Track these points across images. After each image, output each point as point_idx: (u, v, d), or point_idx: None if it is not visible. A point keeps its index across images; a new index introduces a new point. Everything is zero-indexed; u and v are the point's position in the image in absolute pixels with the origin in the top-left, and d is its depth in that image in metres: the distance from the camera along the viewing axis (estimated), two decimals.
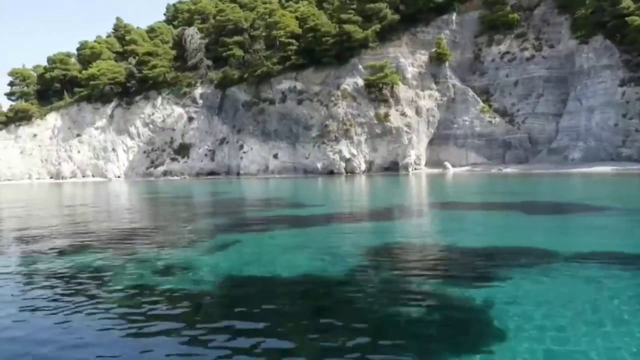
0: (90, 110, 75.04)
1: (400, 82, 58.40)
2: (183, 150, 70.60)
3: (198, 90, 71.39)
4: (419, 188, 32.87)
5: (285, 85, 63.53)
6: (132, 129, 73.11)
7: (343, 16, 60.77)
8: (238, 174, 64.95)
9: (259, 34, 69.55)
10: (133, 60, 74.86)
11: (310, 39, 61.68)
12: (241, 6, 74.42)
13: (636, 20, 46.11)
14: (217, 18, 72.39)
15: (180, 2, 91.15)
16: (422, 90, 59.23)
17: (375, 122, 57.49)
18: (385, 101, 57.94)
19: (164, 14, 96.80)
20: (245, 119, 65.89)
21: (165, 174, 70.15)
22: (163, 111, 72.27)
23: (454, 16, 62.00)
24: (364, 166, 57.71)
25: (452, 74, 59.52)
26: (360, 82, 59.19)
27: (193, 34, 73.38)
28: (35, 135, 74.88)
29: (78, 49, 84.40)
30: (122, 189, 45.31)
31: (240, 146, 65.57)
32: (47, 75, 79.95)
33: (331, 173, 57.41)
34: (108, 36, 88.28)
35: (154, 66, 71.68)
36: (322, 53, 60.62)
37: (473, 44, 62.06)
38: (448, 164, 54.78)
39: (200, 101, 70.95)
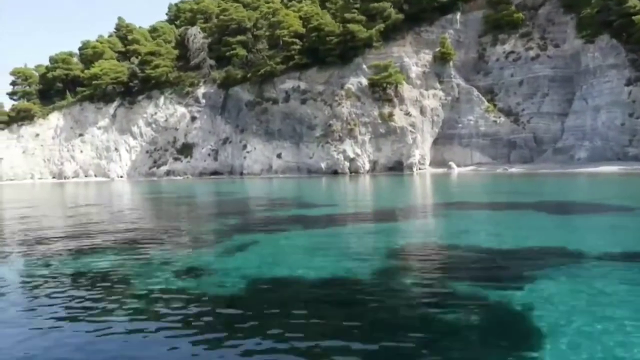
0: (92, 110, 74.84)
1: (404, 82, 58.15)
2: (186, 150, 70.39)
3: (201, 90, 71.17)
4: (426, 188, 32.67)
5: (289, 84, 63.33)
6: (135, 129, 72.90)
7: (347, 15, 60.54)
8: (241, 173, 64.76)
9: (262, 34, 69.35)
10: (135, 60, 74.68)
11: (314, 39, 61.44)
12: (244, 6, 74.20)
13: None
14: (221, 17, 72.19)
15: (183, 2, 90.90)
16: (427, 90, 58.99)
17: (379, 122, 57.26)
18: (389, 101, 57.71)
19: (166, 14, 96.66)
20: (249, 119, 65.68)
21: (168, 173, 69.95)
22: (166, 111, 72.06)
23: (458, 16, 61.75)
24: (368, 166, 57.49)
25: (457, 74, 59.27)
26: (364, 82, 58.95)
27: (196, 34, 73.18)
28: (37, 135, 74.68)
29: (80, 49, 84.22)
30: (127, 189, 45.13)
31: (244, 146, 65.37)
32: (50, 75, 79.74)
33: (335, 173, 57.18)
34: (110, 36, 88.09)
35: (156, 66, 71.45)
36: (326, 52, 60.39)
37: (477, 44, 61.83)
38: (453, 164, 54.55)
39: (203, 101, 70.74)
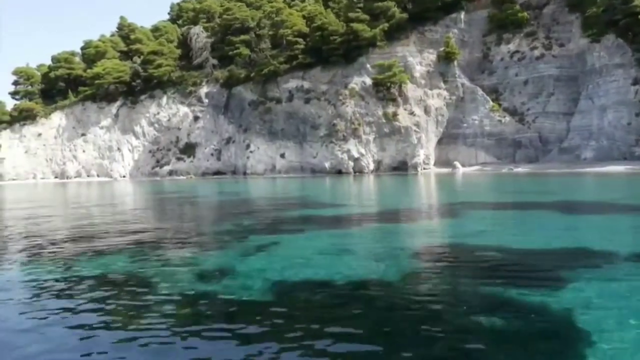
0: (95, 110, 74.61)
1: (408, 81, 57.97)
2: (189, 149, 70.17)
3: (204, 90, 70.97)
4: (434, 188, 32.41)
5: (292, 84, 63.11)
6: (137, 129, 72.68)
7: (351, 15, 60.36)
8: (244, 173, 64.54)
9: (265, 33, 69.13)
10: (138, 59, 74.47)
11: (318, 38, 61.24)
12: (247, 5, 74.00)
13: None
14: (224, 17, 71.98)
15: (185, 1, 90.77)
16: (431, 90, 58.78)
17: (383, 122, 57.03)
18: (394, 100, 57.49)
19: (168, 13, 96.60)
20: (252, 118, 65.45)
21: (170, 173, 69.74)
22: (168, 110, 71.85)
23: (462, 15, 61.62)
24: (372, 166, 57.26)
25: (461, 73, 59.07)
26: (368, 81, 58.73)
27: (199, 33, 72.98)
28: (39, 134, 74.42)
29: (82, 48, 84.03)
30: (131, 189, 44.87)
31: (247, 145, 65.13)
32: (52, 74, 79.52)
33: (339, 173, 56.96)
34: (112, 35, 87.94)
35: (159, 65, 71.26)
36: (330, 52, 60.20)
37: (481, 43, 61.65)
38: (458, 164, 54.30)
39: (205, 100, 70.53)
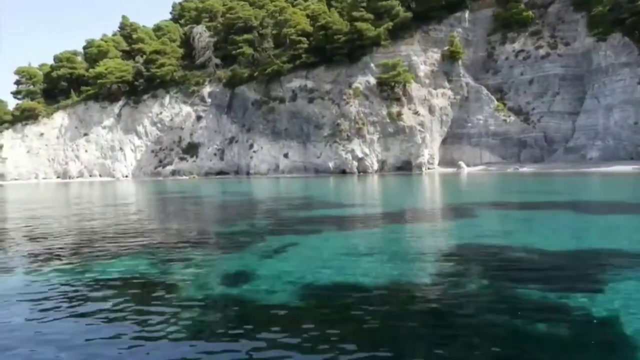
0: (97, 109, 74.38)
1: (412, 81, 57.69)
2: (192, 149, 69.92)
3: (206, 89, 70.72)
4: (443, 188, 32.14)
5: (296, 83, 62.85)
6: (140, 128, 72.44)
7: (355, 14, 60.09)
8: (248, 173, 64.29)
9: (268, 32, 68.87)
10: (141, 59, 74.22)
11: (321, 37, 60.99)
12: (250, 4, 73.75)
13: None
14: (227, 16, 71.75)
15: (187, 1, 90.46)
16: (435, 89, 58.50)
17: (387, 121, 56.76)
18: (398, 100, 57.23)
19: (170, 13, 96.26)
20: (255, 118, 65.20)
21: (173, 173, 69.50)
22: (171, 110, 71.61)
23: (467, 14, 61.35)
24: (376, 165, 57.00)
25: (465, 73, 58.80)
26: (372, 81, 58.47)
27: (201, 32, 72.72)
28: (42, 134, 74.19)
29: (84, 48, 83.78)
30: (135, 189, 44.60)
31: (250, 145, 64.87)
32: (54, 74, 79.25)
33: (343, 172, 56.69)
34: (114, 35, 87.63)
35: (162, 64, 71.03)
36: (334, 51, 59.95)
37: (486, 42, 61.37)
38: (462, 164, 54.01)
39: (208, 100, 70.28)
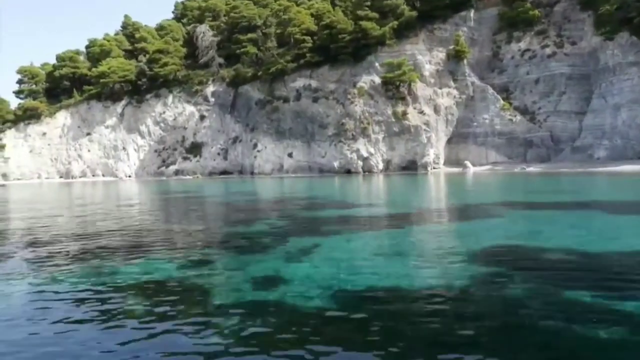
0: (100, 109, 74.12)
1: (417, 80, 57.38)
2: (195, 149, 69.63)
3: (210, 89, 70.43)
4: (453, 187, 31.80)
5: (300, 83, 62.54)
6: (143, 128, 72.16)
7: (359, 13, 59.77)
8: (252, 173, 63.99)
9: (271, 32, 68.56)
10: (144, 58, 73.92)
11: (326, 36, 60.69)
12: (254, 3, 73.44)
13: None
14: (231, 15, 71.46)
15: (189, 0, 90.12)
16: (440, 88, 58.17)
17: (392, 121, 56.44)
18: (403, 99, 56.92)
19: (172, 12, 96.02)
20: (259, 118, 64.89)
21: (177, 173, 69.21)
22: (174, 109, 71.32)
23: (472, 13, 61.04)
24: (381, 165, 56.68)
25: (471, 72, 58.47)
26: (377, 80, 58.15)
27: (205, 31, 72.42)
28: (44, 133, 73.94)
29: (87, 47, 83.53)
30: (140, 188, 44.29)
31: (254, 145, 64.57)
32: (56, 73, 79.03)
33: (348, 172, 56.39)
34: (116, 34, 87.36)
35: (165, 64, 70.75)
36: (338, 50, 59.65)
37: (491, 42, 61.03)
38: (468, 163, 53.69)
39: (212, 99, 69.99)
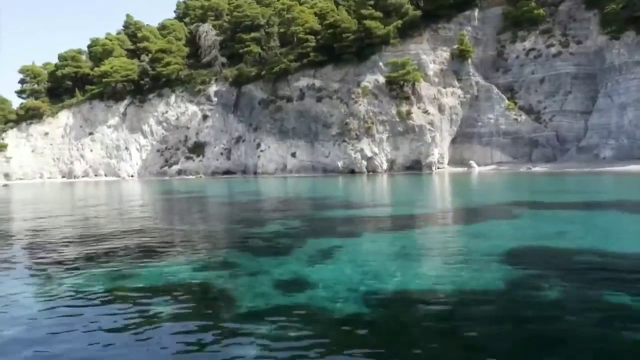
0: (102, 108, 73.85)
1: (422, 79, 57.07)
2: (198, 148, 69.35)
3: (212, 88, 70.15)
4: (462, 187, 31.51)
5: (303, 82, 62.25)
6: (146, 127, 71.90)
7: (363, 12, 59.44)
8: (255, 173, 63.71)
9: (274, 31, 68.24)
10: (146, 58, 73.65)
11: (329, 35, 60.39)
12: (257, 2, 73.15)
13: None
14: (234, 14, 71.16)
15: None
16: (445, 88, 57.86)
17: (397, 120, 56.14)
18: (407, 99, 56.61)
19: (174, 11, 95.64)
20: (262, 117, 64.61)
21: (179, 173, 68.94)
22: (177, 109, 71.05)
23: (476, 12, 60.66)
24: (385, 165, 56.38)
25: (475, 71, 58.14)
26: (381, 79, 57.85)
27: (208, 31, 72.14)
28: (46, 133, 73.68)
29: (89, 46, 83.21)
30: (144, 189, 44.01)
31: (257, 145, 64.29)
32: (59, 73, 78.77)
33: (352, 172, 56.08)
34: (118, 33, 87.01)
35: (167, 63, 70.48)
36: (342, 50, 59.34)
37: (495, 41, 60.66)
38: (473, 163, 53.39)
39: (214, 99, 69.71)
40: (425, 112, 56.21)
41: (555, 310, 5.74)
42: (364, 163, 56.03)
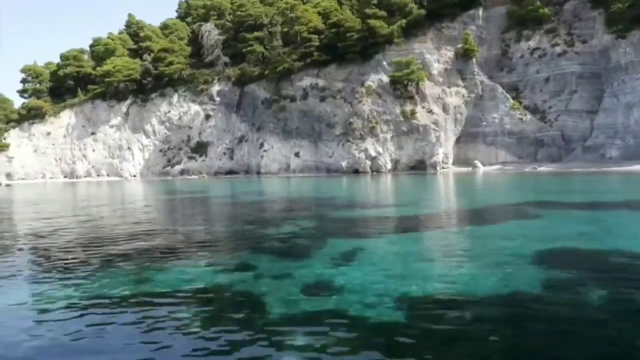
0: (104, 108, 73.63)
1: (426, 79, 56.81)
2: (200, 148, 69.11)
3: (215, 88, 69.91)
4: (471, 187, 31.26)
5: (307, 82, 62.00)
6: (148, 127, 71.68)
7: (367, 11, 59.20)
8: (258, 173, 63.48)
9: (277, 30, 67.99)
10: (148, 57, 73.40)
11: (333, 35, 60.13)
12: (260, 1, 72.89)
13: None
14: (237, 13, 70.90)
15: None
16: (449, 87, 57.60)
17: (401, 120, 55.89)
18: (411, 98, 56.35)
19: (176, 11, 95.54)
20: (265, 117, 64.36)
21: (182, 173, 68.70)
22: (179, 109, 70.82)
23: (480, 11, 60.42)
24: (389, 165, 56.13)
25: (479, 71, 57.89)
26: (385, 79, 57.60)
27: (210, 30, 71.89)
28: (48, 133, 73.45)
29: (91, 46, 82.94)
30: (148, 189, 43.79)
31: (261, 144, 64.05)
32: (60, 72, 78.52)
33: (356, 172, 55.82)
34: (120, 33, 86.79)
35: (170, 63, 70.24)
36: (346, 49, 59.08)
37: (500, 40, 60.43)
38: (478, 163, 53.12)
39: (217, 98, 69.48)
40: (430, 112, 55.95)
41: (602, 314, 5.53)
42: (368, 163, 55.77)
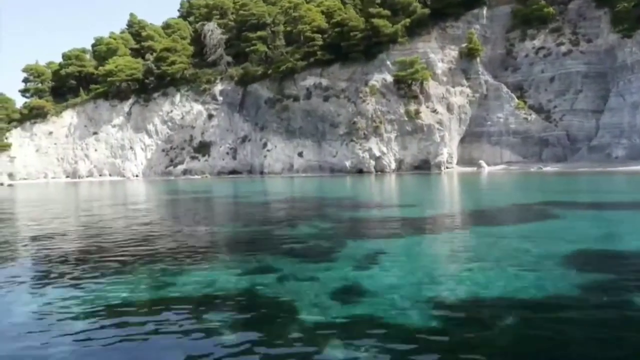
0: (107, 108, 73.40)
1: (430, 78, 56.56)
2: (203, 148, 68.87)
3: (218, 87, 69.67)
4: (479, 186, 31.01)
5: (310, 81, 61.76)
6: (150, 127, 71.43)
7: (371, 10, 58.96)
8: (261, 172, 63.23)
9: (280, 29, 67.75)
10: (151, 57, 73.16)
11: (337, 34, 59.90)
12: (263, 0, 72.63)
13: None
14: (240, 12, 70.67)
15: None
16: (453, 87, 57.35)
17: (405, 119, 55.65)
18: (415, 97, 56.12)
19: (178, 10, 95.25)
20: (269, 116, 64.12)
21: (185, 172, 68.46)
22: (182, 108, 70.59)
23: (484, 10, 60.15)
24: (394, 165, 55.89)
25: (484, 70, 57.62)
26: (389, 78, 57.35)
27: (213, 29, 71.65)
28: (50, 133, 73.22)
29: (93, 45, 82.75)
30: (151, 189, 43.53)
31: (264, 144, 63.80)
32: (63, 72, 78.30)
33: (360, 172, 55.58)
34: (122, 32, 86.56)
35: (172, 62, 70.00)
36: (349, 48, 58.85)
37: (504, 39, 60.18)
38: (483, 163, 52.89)
39: (220, 98, 69.24)
40: (434, 112, 55.71)
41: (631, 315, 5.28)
42: (372, 163, 55.53)
